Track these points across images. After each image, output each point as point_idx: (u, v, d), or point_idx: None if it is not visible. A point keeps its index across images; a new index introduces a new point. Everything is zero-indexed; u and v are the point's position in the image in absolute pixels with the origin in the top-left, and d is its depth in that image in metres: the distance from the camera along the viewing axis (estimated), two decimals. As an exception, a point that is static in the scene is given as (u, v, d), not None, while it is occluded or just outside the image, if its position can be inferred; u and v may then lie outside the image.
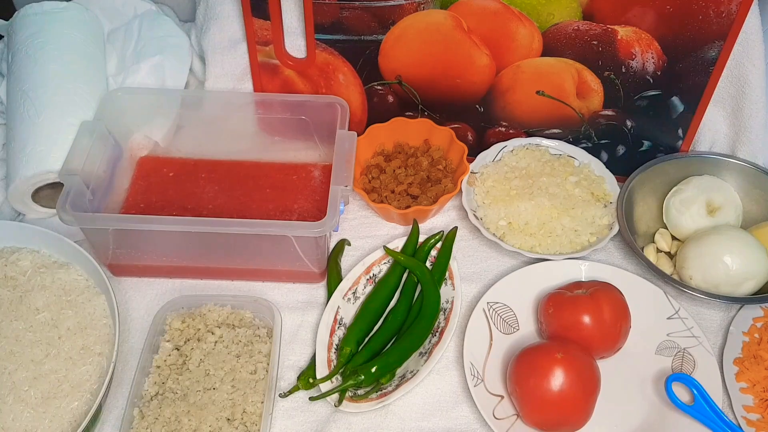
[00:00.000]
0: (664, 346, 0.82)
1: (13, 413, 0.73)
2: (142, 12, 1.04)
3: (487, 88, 0.94)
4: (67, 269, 0.84)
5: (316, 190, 0.94)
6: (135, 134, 0.95)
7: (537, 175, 0.94)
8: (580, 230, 0.90)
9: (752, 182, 0.92)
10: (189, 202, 0.92)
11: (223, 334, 0.80)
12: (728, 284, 0.83)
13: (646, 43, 0.86)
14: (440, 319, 0.83)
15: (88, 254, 0.82)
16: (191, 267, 0.88)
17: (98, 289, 0.83)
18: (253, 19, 0.91)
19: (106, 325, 0.80)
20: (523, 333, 0.84)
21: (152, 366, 0.78)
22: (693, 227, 0.90)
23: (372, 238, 0.93)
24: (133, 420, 0.74)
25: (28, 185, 0.87)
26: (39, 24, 0.94)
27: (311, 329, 0.85)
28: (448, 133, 0.96)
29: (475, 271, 0.90)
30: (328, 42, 0.92)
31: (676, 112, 0.92)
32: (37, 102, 0.89)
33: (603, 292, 0.80)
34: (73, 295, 0.82)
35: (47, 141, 0.87)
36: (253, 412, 0.75)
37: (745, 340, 0.82)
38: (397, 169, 0.95)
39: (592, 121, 0.95)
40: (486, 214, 0.91)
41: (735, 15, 0.82)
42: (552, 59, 0.90)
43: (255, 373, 0.78)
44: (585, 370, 0.75)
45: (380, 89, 0.96)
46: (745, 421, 0.76)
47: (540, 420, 0.74)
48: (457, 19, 0.88)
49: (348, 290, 0.85)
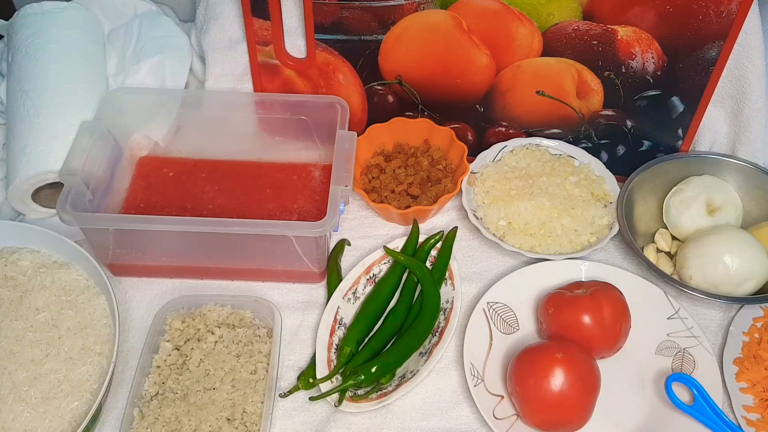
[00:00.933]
0: (664, 346, 0.82)
1: (14, 413, 0.72)
2: (142, 12, 1.04)
3: (487, 88, 0.94)
4: (68, 269, 0.84)
5: (316, 190, 0.94)
6: (135, 134, 0.95)
7: (537, 175, 0.94)
8: (580, 230, 0.90)
9: (752, 182, 0.92)
10: (189, 202, 0.92)
11: (223, 334, 0.80)
12: (728, 284, 0.83)
13: (646, 43, 0.86)
14: (440, 319, 0.83)
15: (88, 254, 0.82)
16: (191, 267, 0.88)
17: (98, 289, 0.82)
18: (253, 19, 0.91)
19: (106, 325, 0.80)
20: (523, 333, 0.84)
21: (152, 366, 0.78)
22: (693, 227, 0.90)
23: (372, 238, 0.93)
24: (133, 420, 0.74)
25: (28, 185, 0.87)
26: (39, 24, 0.94)
27: (311, 329, 0.85)
28: (448, 133, 0.96)
29: (475, 271, 0.90)
30: (328, 42, 0.92)
31: (676, 112, 0.92)
32: (37, 102, 0.89)
33: (603, 292, 0.80)
34: (73, 295, 0.81)
35: (47, 141, 0.87)
36: (253, 412, 0.75)
37: (745, 340, 0.82)
38: (397, 169, 0.95)
39: (592, 121, 0.95)
40: (486, 214, 0.91)
41: (735, 15, 0.82)
42: (552, 59, 0.90)
43: (255, 373, 0.78)
44: (585, 370, 0.75)
45: (380, 89, 0.96)
46: (745, 421, 0.76)
47: (540, 420, 0.74)
48: (457, 19, 0.88)
49: (348, 290, 0.85)
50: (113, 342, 0.77)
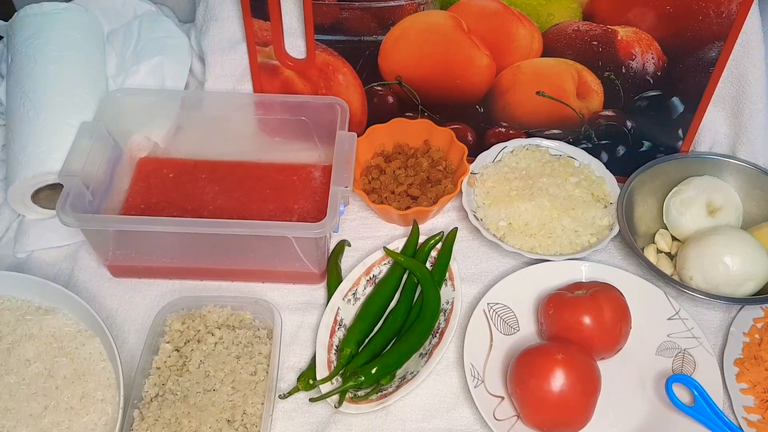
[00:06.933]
0: (664, 346, 0.82)
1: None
2: (142, 13, 1.04)
3: (487, 88, 0.94)
4: (54, 314, 0.80)
5: (316, 190, 0.94)
6: (135, 135, 0.95)
7: (537, 176, 0.93)
8: (581, 231, 0.90)
9: (752, 183, 0.92)
10: (189, 203, 0.92)
11: (223, 336, 0.80)
12: (728, 285, 0.83)
13: (646, 44, 0.86)
14: (440, 320, 0.83)
15: (75, 296, 0.79)
16: (191, 268, 0.88)
17: (91, 332, 0.79)
18: (252, 20, 0.91)
19: (104, 369, 0.77)
20: (523, 334, 0.84)
21: (152, 367, 0.78)
22: (693, 228, 0.90)
23: (372, 238, 0.93)
24: (133, 421, 0.74)
25: (28, 186, 0.87)
26: (39, 25, 0.94)
27: (311, 330, 0.85)
28: (448, 133, 0.96)
29: (476, 271, 0.90)
30: (328, 42, 0.92)
31: (676, 112, 0.92)
32: (36, 103, 0.88)
33: (603, 293, 0.80)
34: (65, 341, 0.78)
35: (47, 142, 0.87)
36: (253, 414, 0.75)
37: (746, 341, 0.82)
38: (397, 170, 0.95)
39: (592, 122, 0.95)
40: (486, 214, 0.91)
41: (735, 15, 0.82)
42: (552, 60, 0.90)
43: (255, 374, 0.78)
44: (585, 371, 0.74)
45: (380, 90, 0.96)
46: (745, 422, 0.76)
47: (540, 421, 0.74)
48: (457, 19, 0.88)
49: (348, 291, 0.85)
50: (115, 386, 0.74)
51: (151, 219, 0.82)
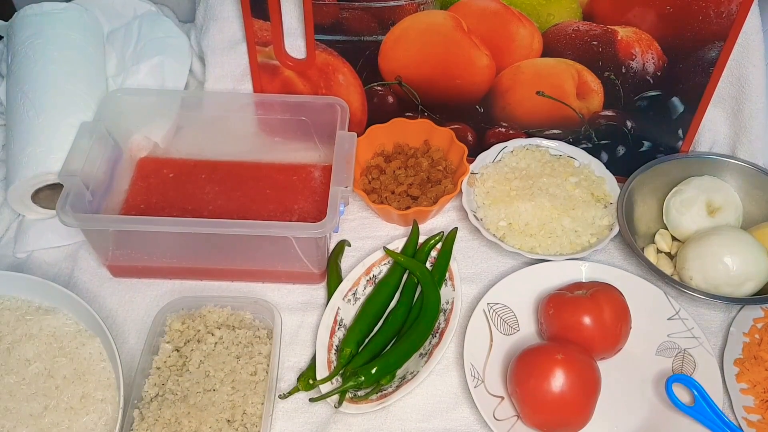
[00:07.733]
0: (664, 347, 0.82)
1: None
2: (142, 13, 1.04)
3: (487, 88, 0.94)
4: (55, 314, 0.80)
5: (316, 190, 0.94)
6: (135, 135, 0.95)
7: (537, 176, 0.93)
8: (581, 231, 0.90)
9: (752, 183, 0.92)
10: (189, 203, 0.92)
11: (223, 336, 0.80)
12: (728, 285, 0.83)
13: (646, 44, 0.86)
14: (440, 320, 0.83)
15: (75, 296, 0.79)
16: (191, 268, 0.88)
17: (91, 332, 0.79)
18: (252, 20, 0.91)
19: (104, 369, 0.77)
20: (523, 334, 0.84)
21: (152, 367, 0.78)
22: (693, 228, 0.90)
23: (372, 238, 0.93)
24: (133, 422, 0.74)
25: (28, 186, 0.87)
26: (39, 25, 0.94)
27: (311, 330, 0.85)
28: (448, 133, 0.96)
29: (476, 271, 0.90)
30: (328, 42, 0.92)
31: (676, 112, 0.92)
32: (36, 103, 0.88)
33: (603, 293, 0.80)
34: (65, 341, 0.78)
35: (47, 142, 0.87)
36: (253, 414, 0.75)
37: (746, 341, 0.82)
38: (397, 170, 0.95)
39: (592, 122, 0.95)
40: (486, 214, 0.91)
41: (735, 15, 0.82)
42: (552, 60, 0.90)
43: (255, 374, 0.78)
44: (585, 371, 0.74)
45: (380, 90, 0.96)
46: (745, 422, 0.76)
47: (540, 421, 0.74)
48: (457, 19, 0.88)
49: (348, 291, 0.85)
50: (115, 386, 0.74)
51: (151, 219, 0.82)
